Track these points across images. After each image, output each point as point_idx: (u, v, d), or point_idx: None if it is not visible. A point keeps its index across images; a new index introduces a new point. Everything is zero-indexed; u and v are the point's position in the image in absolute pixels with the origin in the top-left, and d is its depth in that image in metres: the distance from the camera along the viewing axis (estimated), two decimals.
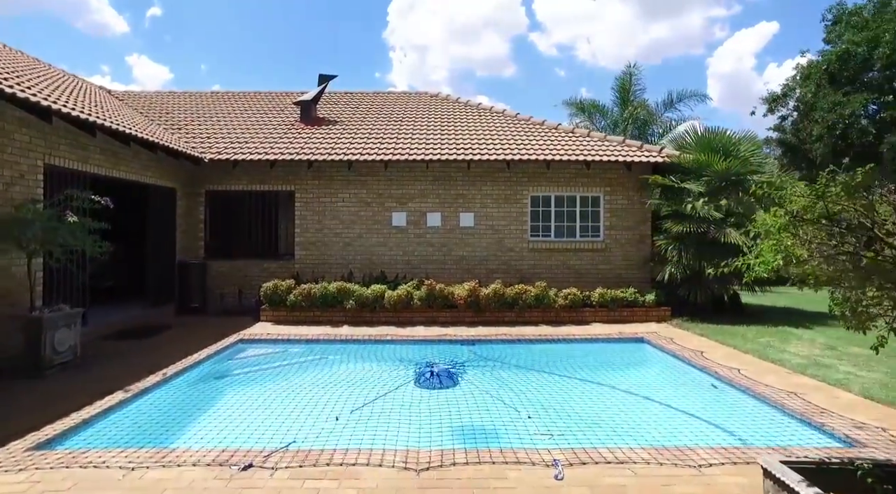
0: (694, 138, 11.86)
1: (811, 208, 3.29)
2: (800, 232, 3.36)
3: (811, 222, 3.31)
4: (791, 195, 3.50)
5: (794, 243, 3.40)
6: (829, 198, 3.17)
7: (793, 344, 8.66)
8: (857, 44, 16.27)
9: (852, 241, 3.26)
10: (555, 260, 12.34)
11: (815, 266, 3.35)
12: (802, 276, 3.49)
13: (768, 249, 3.61)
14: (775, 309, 12.37)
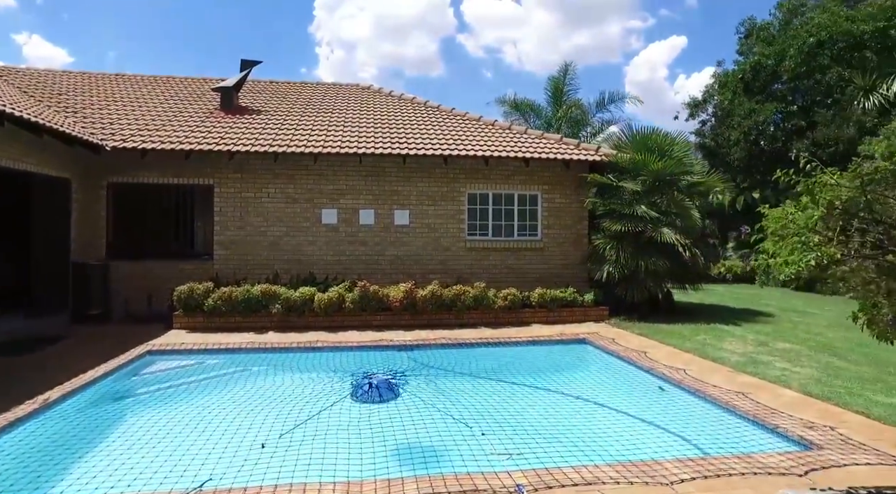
0: (630, 137, 11.96)
1: (852, 201, 2.93)
2: (834, 228, 3.04)
3: (845, 216, 2.96)
4: (824, 185, 3.12)
5: (823, 242, 3.07)
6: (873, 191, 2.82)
7: (727, 341, 8.78)
8: (766, 56, 17.23)
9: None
10: (493, 259, 12.03)
11: (853, 268, 3.04)
12: (834, 280, 3.16)
13: (790, 248, 3.29)
14: (704, 306, 12.73)
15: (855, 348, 8.35)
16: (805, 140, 15.81)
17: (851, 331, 9.73)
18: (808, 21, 16.54)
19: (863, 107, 15.26)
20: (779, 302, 13.66)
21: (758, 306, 12.94)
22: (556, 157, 11.62)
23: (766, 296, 14.99)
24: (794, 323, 10.57)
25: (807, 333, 9.50)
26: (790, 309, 12.55)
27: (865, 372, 6.93)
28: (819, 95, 16.09)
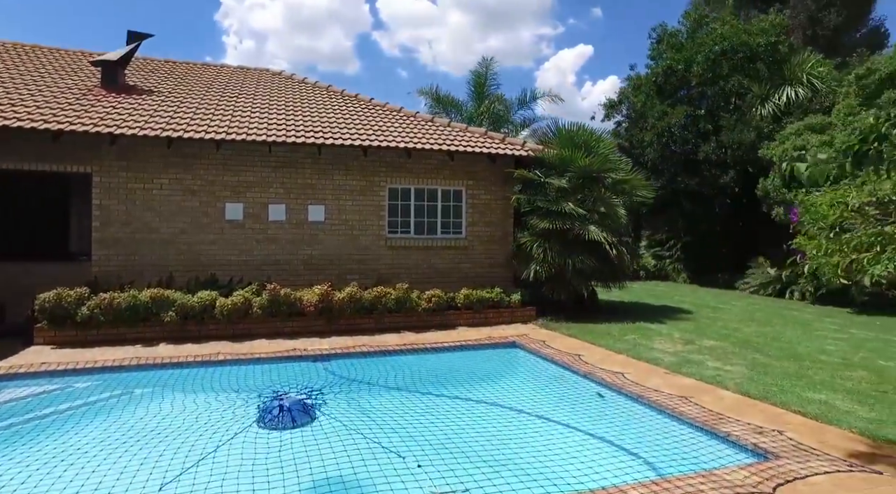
0: (556, 133, 11.73)
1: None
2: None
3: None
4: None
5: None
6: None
7: (657, 340, 8.69)
8: (676, 61, 17.90)
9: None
10: (415, 258, 11.33)
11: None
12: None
13: (864, 240, 2.83)
14: (625, 304, 12.82)
15: (771, 343, 8.54)
16: (712, 143, 16.54)
17: (763, 326, 10.08)
18: (711, 31, 17.33)
19: (759, 114, 16.23)
20: (691, 298, 14.10)
21: (674, 302, 13.24)
22: (481, 151, 11.13)
23: (677, 292, 15.50)
24: (711, 319, 10.81)
25: (725, 329, 9.68)
26: (703, 304, 12.95)
27: (788, 367, 6.99)
28: (723, 101, 16.92)
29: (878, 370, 6.97)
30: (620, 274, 11.29)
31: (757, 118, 16.13)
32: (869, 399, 5.72)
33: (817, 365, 7.10)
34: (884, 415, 5.22)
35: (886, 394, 5.94)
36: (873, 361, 7.47)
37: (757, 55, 16.84)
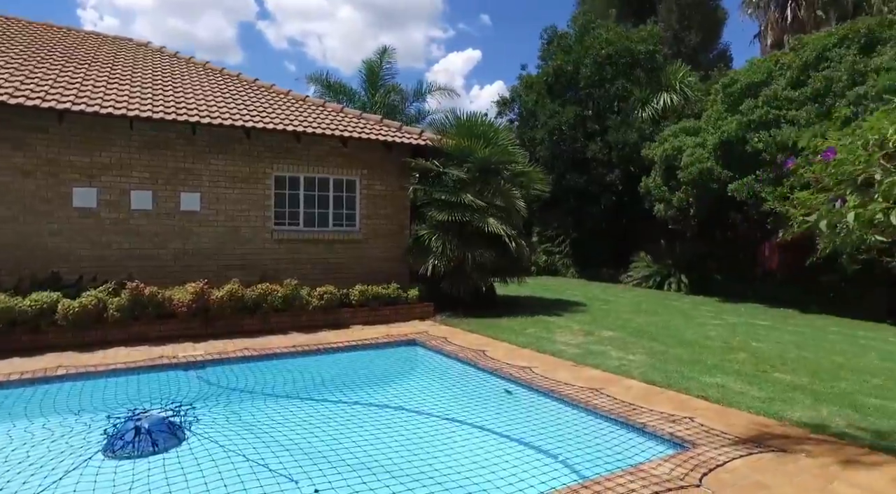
0: (455, 123, 11.39)
1: None
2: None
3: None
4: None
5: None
6: None
7: (558, 333, 8.63)
8: (566, 63, 18.51)
9: None
10: (305, 253, 10.40)
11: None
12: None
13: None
14: (522, 298, 12.84)
15: (662, 331, 8.84)
16: (598, 142, 17.28)
17: (651, 316, 10.50)
18: (598, 36, 18.12)
19: (641, 116, 17.26)
20: (582, 292, 14.54)
21: (567, 296, 13.53)
22: (377, 138, 10.47)
23: (568, 286, 15.96)
24: (604, 311, 11.10)
25: (619, 320, 9.93)
26: (594, 297, 13.37)
27: (682, 353, 7.19)
28: (609, 103, 17.76)
29: (754, 351, 7.38)
30: (520, 267, 11.23)
31: (639, 120, 17.09)
32: (755, 379, 5.95)
33: (706, 350, 7.38)
34: (770, 393, 5.41)
35: (766, 373, 6.23)
36: (748, 343, 7.95)
37: (638, 62, 17.88)
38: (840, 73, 10.21)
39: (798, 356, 7.17)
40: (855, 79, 9.95)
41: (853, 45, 10.84)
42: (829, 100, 10.25)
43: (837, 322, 10.22)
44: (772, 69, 12.19)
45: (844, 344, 8.05)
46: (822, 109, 10.38)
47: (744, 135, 11.54)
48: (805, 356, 7.19)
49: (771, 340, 8.21)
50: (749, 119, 11.48)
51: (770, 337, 8.50)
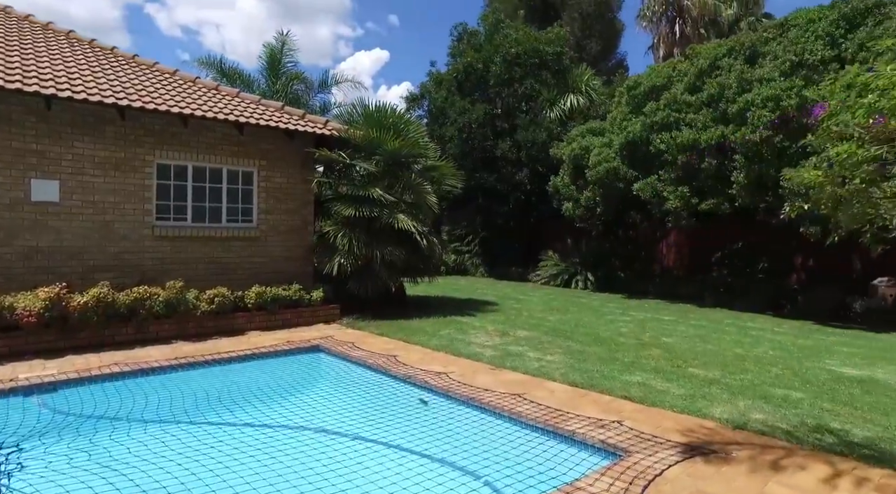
0: (363, 113, 10.67)
1: None
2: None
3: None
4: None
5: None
6: None
7: (472, 334, 8.24)
8: (476, 60, 18.39)
9: None
10: (194, 252, 9.22)
11: None
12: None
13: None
14: (432, 298, 12.40)
15: (576, 329, 8.75)
16: (508, 141, 17.30)
17: (563, 314, 10.46)
18: (507, 36, 18.17)
19: (549, 116, 17.52)
20: (493, 291, 14.38)
21: (479, 295, 13.28)
22: (277, 126, 9.53)
23: (479, 286, 15.78)
24: (517, 310, 10.92)
25: (533, 319, 9.76)
26: (505, 296, 13.23)
27: (599, 352, 7.06)
28: (518, 102, 17.85)
29: (665, 347, 7.44)
30: (431, 266, 10.77)
31: (547, 120, 17.32)
32: (673, 375, 5.89)
33: (621, 348, 7.32)
34: (690, 390, 5.34)
35: (682, 369, 6.22)
36: (659, 339, 8.04)
37: (546, 63, 18.14)
38: (731, 80, 10.79)
39: (705, 349, 7.31)
40: (743, 86, 10.55)
41: (739, 56, 11.53)
42: (723, 105, 10.79)
43: (729, 314, 10.77)
44: (671, 74, 12.72)
45: (740, 336, 8.39)
46: (717, 113, 10.90)
47: (647, 136, 11.92)
48: (711, 349, 7.34)
49: (678, 335, 8.37)
50: (652, 120, 11.87)
51: (676, 331, 8.69)
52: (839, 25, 10.28)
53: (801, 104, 9.47)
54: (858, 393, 5.43)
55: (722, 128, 10.62)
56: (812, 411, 4.80)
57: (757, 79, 10.46)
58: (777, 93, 9.65)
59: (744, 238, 12.71)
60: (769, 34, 11.65)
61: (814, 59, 9.95)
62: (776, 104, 9.62)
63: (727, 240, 12.95)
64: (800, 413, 4.73)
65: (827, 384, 5.69)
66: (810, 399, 5.15)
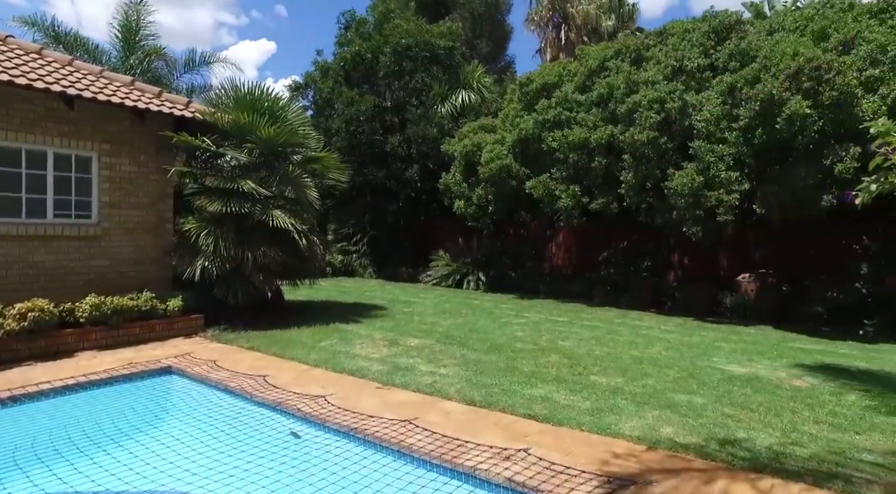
0: (234, 95, 9.26)
1: None
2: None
3: None
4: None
5: None
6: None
7: (358, 344, 7.35)
8: (365, 50, 17.42)
9: None
10: (5, 254, 7.37)
11: None
12: None
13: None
14: (315, 303, 11.28)
15: (470, 335, 8.20)
16: (398, 136, 16.52)
17: (456, 317, 9.91)
18: (397, 26, 17.40)
19: (441, 112, 17.01)
20: (382, 294, 13.55)
21: (366, 299, 12.38)
22: (123, 103, 7.94)
23: (367, 288, 14.86)
24: (407, 314, 10.19)
25: (424, 324, 9.07)
26: (395, 299, 12.45)
27: (497, 361, 6.52)
28: (409, 96, 17.14)
29: (564, 352, 7.11)
30: (313, 268, 9.69)
31: (438, 115, 16.77)
32: (576, 386, 5.48)
33: (519, 355, 6.85)
34: (596, 402, 4.93)
35: (583, 377, 5.86)
36: (556, 343, 7.72)
37: (437, 57, 17.60)
38: (619, 81, 10.93)
39: (603, 353, 7.07)
40: (631, 87, 10.72)
41: (626, 58, 11.77)
42: (612, 105, 10.90)
43: (618, 313, 10.90)
44: (562, 73, 12.73)
45: (633, 336, 8.34)
46: (607, 113, 10.99)
47: (539, 134, 11.76)
48: (608, 352, 7.12)
49: (574, 337, 8.13)
50: (544, 118, 11.73)
51: (572, 333, 8.46)
52: (710, 37, 10.78)
53: (682, 107, 9.74)
54: (750, 392, 5.37)
55: (611, 127, 10.69)
56: (717, 418, 4.57)
57: (643, 81, 10.65)
58: (662, 96, 9.85)
59: (628, 237, 13.06)
60: (650, 41, 12.02)
61: (692, 65, 10.31)
62: (661, 106, 9.81)
63: (613, 239, 13.24)
64: (706, 422, 4.47)
65: (721, 385, 5.59)
66: (712, 404, 4.96)
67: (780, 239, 11.15)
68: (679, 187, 9.33)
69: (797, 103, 7.90)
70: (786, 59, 8.37)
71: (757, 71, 8.75)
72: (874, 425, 4.55)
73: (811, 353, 7.35)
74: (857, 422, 4.60)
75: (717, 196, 9.07)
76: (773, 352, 7.31)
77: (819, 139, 8.23)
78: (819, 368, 6.48)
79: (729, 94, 9.31)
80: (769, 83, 8.27)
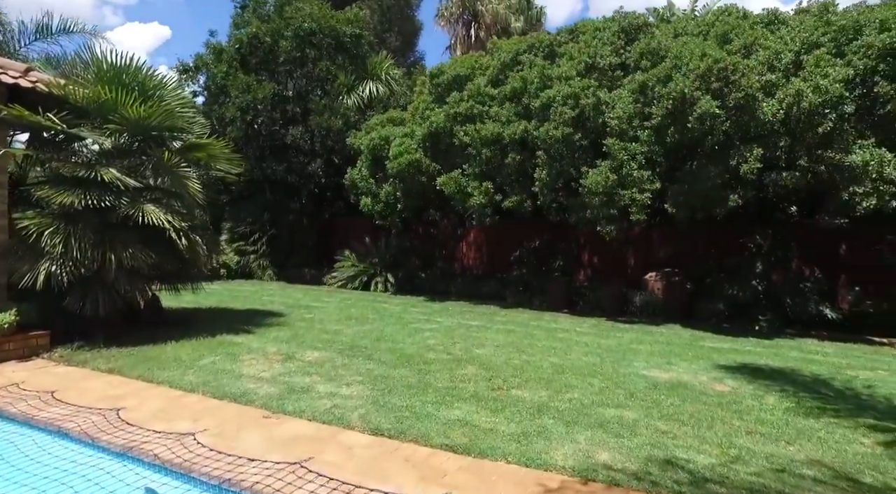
0: (95, 64, 7.70)
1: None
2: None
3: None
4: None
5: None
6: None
7: (246, 360, 6.30)
8: (264, 33, 16.00)
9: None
10: None
11: None
12: None
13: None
14: (202, 311, 9.91)
15: (377, 344, 7.40)
16: (301, 127, 15.28)
17: (362, 324, 9.05)
18: (300, 9, 16.12)
19: (346, 103, 15.98)
20: (281, 298, 12.35)
21: (263, 304, 11.15)
22: None
23: (265, 292, 13.54)
24: (308, 321, 9.18)
25: (326, 333, 8.13)
26: (295, 304, 11.33)
27: (408, 377, 5.78)
28: (312, 85, 15.94)
29: (480, 362, 6.52)
30: (195, 271, 8.41)
31: (344, 106, 15.74)
32: (497, 404, 4.87)
33: (432, 367, 6.16)
34: (521, 425, 4.34)
35: (504, 392, 5.29)
36: (471, 351, 7.12)
37: (343, 45, 16.53)
38: (533, 75, 10.61)
39: (522, 361, 6.56)
40: (545, 82, 10.44)
41: (539, 53, 11.52)
42: (525, 100, 10.56)
43: (532, 315, 10.57)
44: (475, 66, 12.25)
45: (550, 341, 7.96)
46: (521, 108, 10.64)
47: (451, 127, 11.19)
48: (528, 360, 6.63)
49: (490, 344, 7.58)
50: (455, 111, 11.17)
51: (487, 339, 7.92)
52: (620, 36, 10.78)
53: (596, 104, 9.57)
54: (678, 401, 5.06)
55: (525, 123, 10.34)
56: (652, 436, 4.15)
57: (556, 76, 10.40)
58: (576, 92, 9.61)
59: (539, 236, 12.86)
60: (562, 38, 11.87)
61: (604, 63, 10.21)
62: (576, 102, 9.58)
63: (525, 238, 12.99)
64: (642, 443, 4.02)
65: (649, 395, 5.25)
66: (643, 419, 4.55)
67: (683, 238, 11.41)
68: (593, 185, 9.13)
69: (707, 103, 7.91)
70: (695, 59, 8.40)
71: (668, 69, 8.73)
72: (800, 431, 4.36)
73: (723, 352, 7.34)
74: (784, 429, 4.39)
75: (631, 195, 8.96)
76: (688, 353, 7.20)
77: (725, 140, 8.33)
78: (735, 369, 6.40)
79: (641, 93, 9.26)
80: (681, 82, 8.24)
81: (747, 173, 7.88)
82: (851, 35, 8.60)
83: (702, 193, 8.39)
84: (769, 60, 8.39)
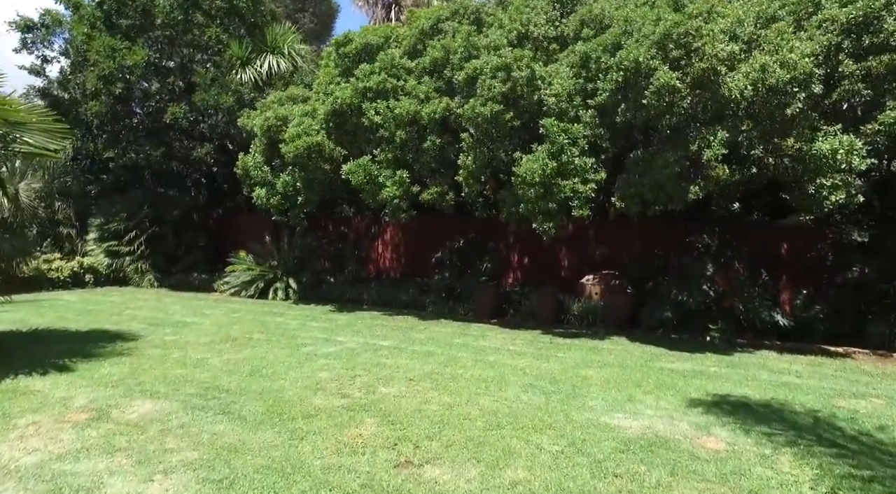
0: None
1: None
2: None
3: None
4: None
5: None
6: None
7: (19, 427, 4.11)
8: None
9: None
10: None
11: None
12: None
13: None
14: (21, 334, 7.41)
15: (246, 383, 5.42)
16: (185, 104, 12.72)
17: (240, 349, 6.94)
18: None
19: (241, 78, 13.60)
20: (150, 311, 9.92)
21: (117, 323, 8.71)
22: None
23: (135, 303, 11.00)
24: (167, 345, 6.98)
25: (183, 366, 6.01)
26: (165, 320, 9.00)
27: (268, 446, 3.88)
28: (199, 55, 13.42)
29: (384, 410, 4.73)
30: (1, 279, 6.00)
31: (237, 82, 13.34)
32: None
33: (314, 426, 4.28)
34: None
35: (413, 469, 3.55)
36: (374, 390, 5.32)
37: (237, 10, 14.10)
38: (457, 44, 8.94)
39: (442, 407, 4.81)
40: (471, 52, 8.79)
41: (464, 20, 9.87)
42: (448, 73, 8.87)
43: (456, 328, 8.88)
44: (389, 36, 10.40)
45: (479, 368, 6.28)
46: (442, 83, 8.93)
47: (360, 105, 9.28)
48: (451, 404, 4.89)
49: (401, 377, 5.78)
50: (365, 86, 9.28)
51: (399, 370, 6.12)
52: (555, 6, 9.37)
53: (530, 78, 8.03)
54: (665, 476, 3.52)
55: (447, 100, 8.64)
56: None
57: (484, 46, 8.79)
58: (507, 62, 8.02)
59: (464, 234, 11.24)
60: (490, 9, 10.30)
61: (539, 32, 8.72)
62: (507, 74, 7.98)
63: (447, 236, 11.33)
64: None
65: (623, 466, 3.66)
66: None
67: (620, 234, 10.20)
68: (528, 174, 7.58)
69: (666, 74, 6.55)
70: (649, 23, 7.03)
71: (617, 36, 7.32)
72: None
73: (687, 377, 5.98)
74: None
75: (572, 185, 7.49)
76: (649, 381, 5.77)
77: (685, 121, 7.03)
78: (715, 406, 5.00)
79: (583, 66, 7.81)
80: (634, 49, 6.83)
81: (711, 159, 6.60)
82: (812, 9, 7.60)
83: (657, 184, 7.03)
84: (731, 29, 7.18)
